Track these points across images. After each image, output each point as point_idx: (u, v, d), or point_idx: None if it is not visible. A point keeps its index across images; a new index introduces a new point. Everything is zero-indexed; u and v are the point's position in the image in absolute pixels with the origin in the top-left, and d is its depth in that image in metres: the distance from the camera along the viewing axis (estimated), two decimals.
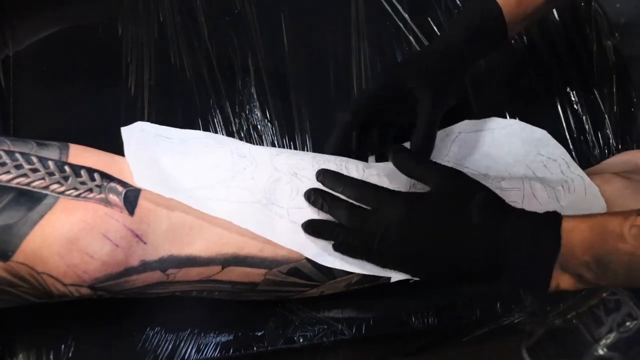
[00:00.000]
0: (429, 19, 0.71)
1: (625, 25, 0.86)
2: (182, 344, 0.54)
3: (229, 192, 0.46)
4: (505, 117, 0.66)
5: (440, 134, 0.61)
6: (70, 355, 0.52)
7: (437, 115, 0.54)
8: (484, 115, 0.64)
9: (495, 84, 0.69)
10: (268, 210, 0.47)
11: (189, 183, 0.46)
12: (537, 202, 0.55)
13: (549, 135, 0.62)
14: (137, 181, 0.44)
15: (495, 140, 0.62)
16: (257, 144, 0.63)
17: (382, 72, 0.59)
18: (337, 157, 0.52)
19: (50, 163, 0.43)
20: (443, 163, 0.57)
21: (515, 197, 0.54)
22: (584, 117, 0.70)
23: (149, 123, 0.51)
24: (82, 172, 0.43)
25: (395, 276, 0.48)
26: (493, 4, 0.55)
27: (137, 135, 0.49)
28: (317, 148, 0.63)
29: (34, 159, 0.43)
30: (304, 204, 0.48)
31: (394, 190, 0.47)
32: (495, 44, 0.57)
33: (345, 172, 0.50)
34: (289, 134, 0.64)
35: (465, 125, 0.63)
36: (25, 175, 0.42)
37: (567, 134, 0.68)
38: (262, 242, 0.47)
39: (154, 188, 0.44)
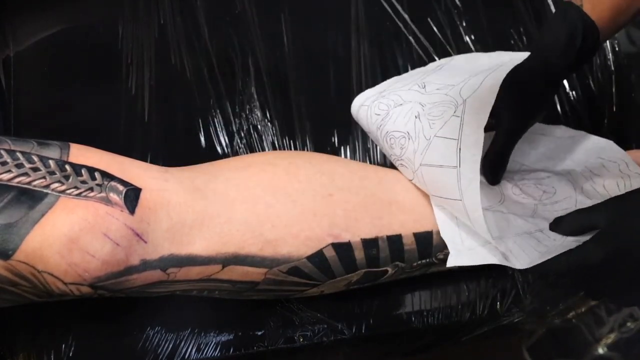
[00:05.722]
0: (429, 19, 0.71)
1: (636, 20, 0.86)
2: (182, 344, 0.54)
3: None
4: None
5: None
6: (70, 355, 0.52)
7: (516, 138, 0.54)
8: None
9: None
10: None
11: None
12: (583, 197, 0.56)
13: (614, 144, 0.61)
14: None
15: (559, 145, 0.62)
16: (257, 144, 0.63)
17: None
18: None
19: (51, 162, 0.43)
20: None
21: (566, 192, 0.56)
22: (584, 117, 0.70)
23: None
24: (83, 171, 0.43)
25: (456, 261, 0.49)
26: (590, 20, 0.51)
27: None
28: (317, 148, 0.64)
29: (35, 158, 0.43)
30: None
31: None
32: (585, 61, 0.55)
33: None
34: (289, 134, 0.64)
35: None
36: (26, 174, 0.42)
37: None
38: (262, 241, 0.47)
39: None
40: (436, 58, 0.70)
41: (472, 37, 0.71)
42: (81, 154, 0.45)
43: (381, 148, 0.57)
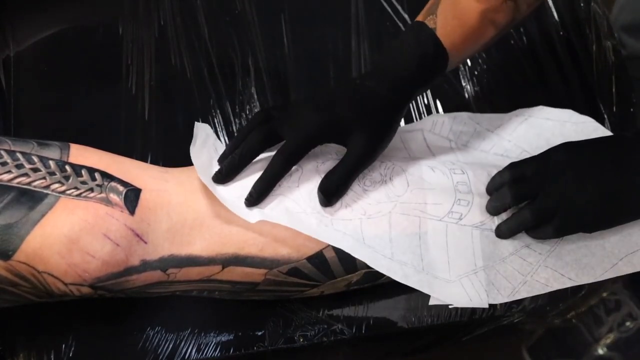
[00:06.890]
0: None
1: (625, 25, 0.86)
2: (182, 344, 0.54)
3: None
4: None
5: (510, 114, 0.63)
6: (70, 355, 0.52)
7: (362, 167, 0.50)
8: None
9: (494, 84, 0.69)
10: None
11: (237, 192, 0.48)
12: None
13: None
14: (199, 174, 0.46)
15: (565, 134, 0.61)
16: None
17: (317, 112, 0.49)
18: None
19: (51, 162, 0.43)
20: (505, 141, 0.60)
21: None
22: None
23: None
24: (83, 171, 0.44)
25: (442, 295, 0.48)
26: (442, 46, 0.49)
27: (205, 133, 0.51)
28: None
29: (35, 159, 0.43)
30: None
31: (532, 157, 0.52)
32: (430, 84, 0.52)
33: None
34: None
35: (538, 110, 0.63)
36: (26, 174, 0.42)
37: None
38: (263, 242, 0.47)
39: (210, 186, 0.46)
40: None
41: None
42: (81, 155, 0.45)
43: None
